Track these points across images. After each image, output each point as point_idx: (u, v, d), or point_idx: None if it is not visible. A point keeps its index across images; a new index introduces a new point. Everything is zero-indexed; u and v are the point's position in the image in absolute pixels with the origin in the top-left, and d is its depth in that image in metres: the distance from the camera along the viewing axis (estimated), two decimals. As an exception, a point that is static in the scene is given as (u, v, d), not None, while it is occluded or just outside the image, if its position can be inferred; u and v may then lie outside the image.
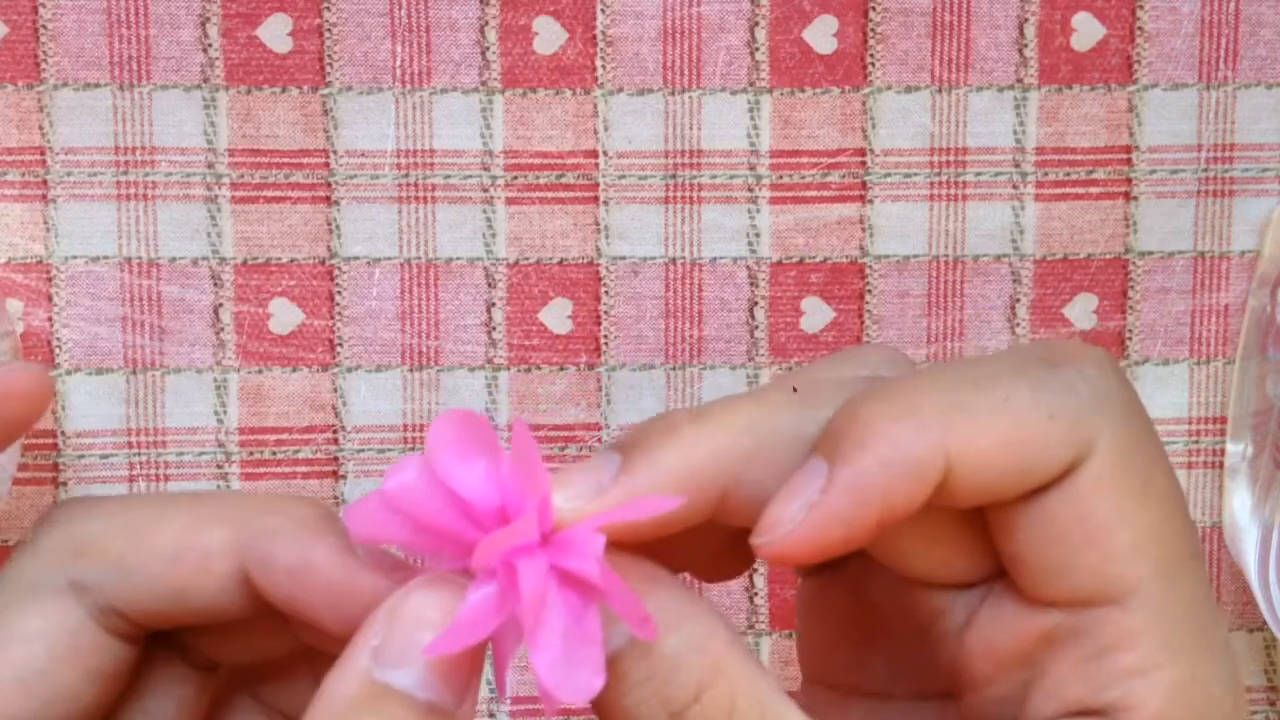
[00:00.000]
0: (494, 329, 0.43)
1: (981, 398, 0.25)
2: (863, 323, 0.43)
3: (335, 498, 0.43)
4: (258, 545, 0.27)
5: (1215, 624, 0.26)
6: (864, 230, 0.43)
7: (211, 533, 0.27)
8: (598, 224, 0.43)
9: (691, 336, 0.43)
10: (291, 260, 0.43)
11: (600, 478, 0.25)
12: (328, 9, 0.42)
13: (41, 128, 0.42)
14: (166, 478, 0.42)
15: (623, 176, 0.43)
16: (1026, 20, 0.43)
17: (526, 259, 0.43)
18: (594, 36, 0.42)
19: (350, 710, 0.24)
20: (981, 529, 0.26)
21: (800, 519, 0.24)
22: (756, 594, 0.45)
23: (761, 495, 0.25)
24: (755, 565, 0.31)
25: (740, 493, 0.25)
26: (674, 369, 0.43)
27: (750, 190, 0.43)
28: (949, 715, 0.28)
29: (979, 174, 0.43)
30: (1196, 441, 0.44)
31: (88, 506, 0.28)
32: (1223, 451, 0.44)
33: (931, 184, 0.43)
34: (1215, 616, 0.26)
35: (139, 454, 0.42)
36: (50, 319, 0.42)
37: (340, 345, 0.43)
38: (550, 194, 0.43)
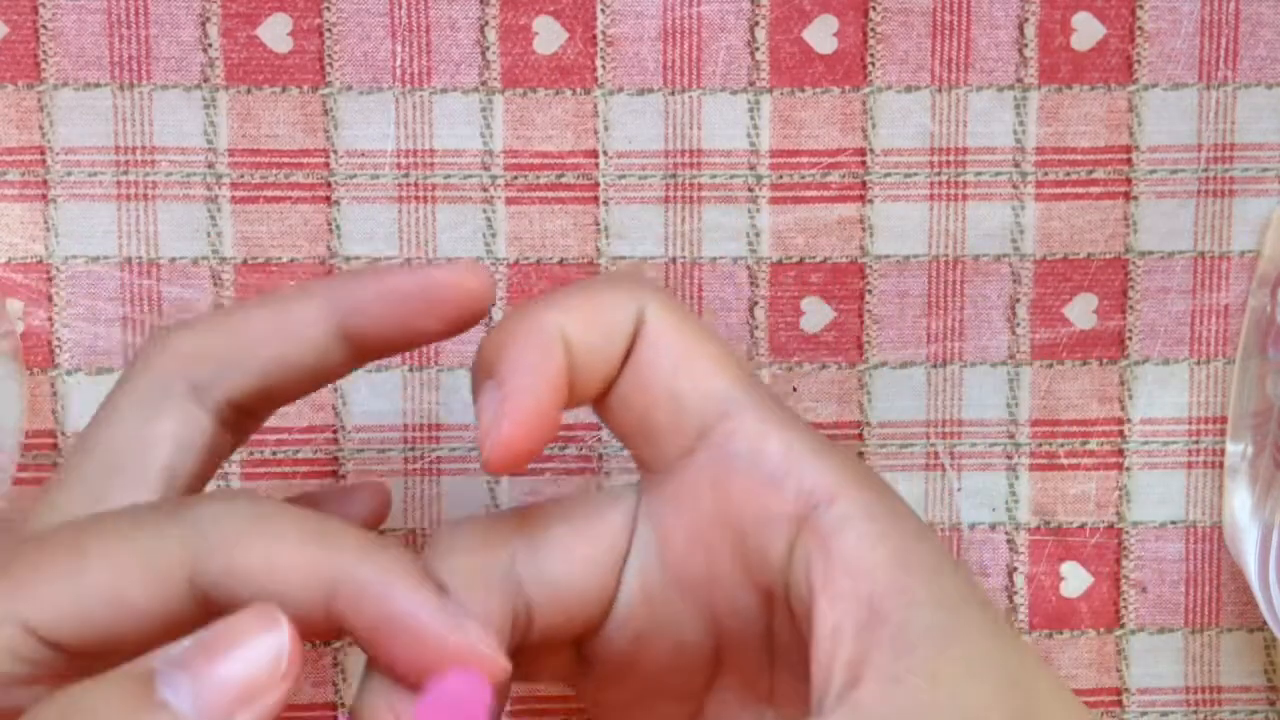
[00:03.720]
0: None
1: (570, 298, 0.31)
2: (863, 323, 0.43)
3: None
4: (342, 294, 0.32)
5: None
6: (864, 230, 0.43)
7: (300, 306, 0.32)
8: (598, 224, 0.43)
9: (691, 336, 0.43)
10: (292, 260, 0.43)
11: None
12: (328, 9, 0.42)
13: (41, 128, 0.42)
14: (166, 478, 0.42)
15: (623, 176, 0.43)
16: (1026, 20, 0.43)
17: (526, 259, 0.43)
18: (594, 36, 0.42)
19: None
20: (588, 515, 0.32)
21: (500, 427, 0.30)
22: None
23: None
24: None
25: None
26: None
27: (750, 190, 0.43)
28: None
29: (979, 174, 0.43)
30: (1196, 441, 0.44)
31: (186, 326, 0.33)
32: (1223, 451, 0.44)
33: (931, 184, 0.43)
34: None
35: (139, 454, 0.42)
36: (50, 319, 0.42)
37: (340, 345, 0.43)
38: (550, 194, 0.43)
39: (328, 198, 0.42)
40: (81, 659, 0.29)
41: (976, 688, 0.28)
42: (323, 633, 0.29)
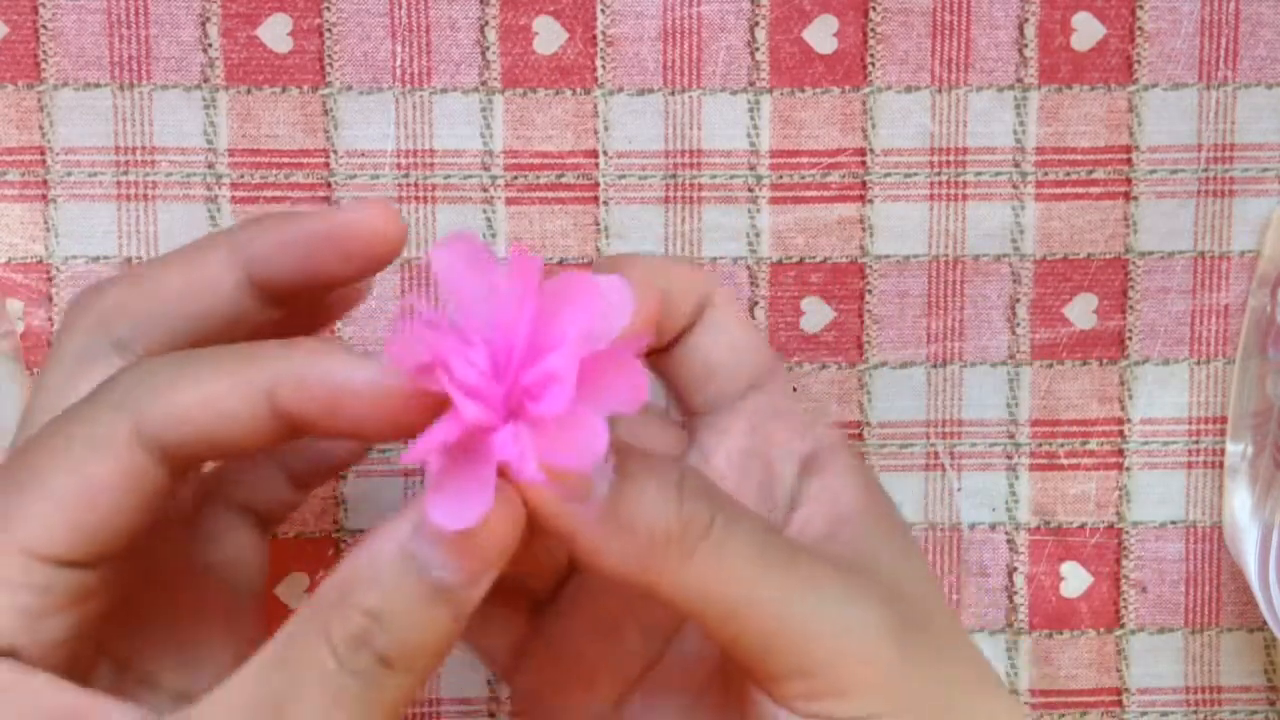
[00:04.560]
0: (494, 329, 0.43)
1: (664, 262, 0.36)
2: (863, 323, 0.43)
3: (335, 497, 0.43)
4: (246, 244, 0.32)
5: None
6: (864, 230, 0.43)
7: (207, 258, 0.33)
8: (598, 224, 0.43)
9: (691, 336, 0.43)
10: (291, 260, 0.43)
11: None
12: (328, 9, 0.42)
13: (41, 128, 0.42)
14: (166, 478, 0.42)
15: (623, 176, 0.43)
16: (1026, 20, 0.43)
17: (526, 259, 0.43)
18: (594, 36, 0.42)
19: (382, 567, 0.29)
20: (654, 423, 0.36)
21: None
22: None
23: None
24: None
25: None
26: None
27: (750, 190, 0.43)
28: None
29: (979, 174, 0.43)
30: (1196, 441, 0.44)
31: (102, 287, 0.33)
32: (1223, 451, 0.44)
33: (931, 184, 0.43)
34: None
35: (139, 454, 0.42)
36: (50, 319, 0.42)
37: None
38: (550, 194, 0.43)
39: (328, 198, 0.42)
40: (95, 564, 0.30)
41: (890, 581, 0.33)
42: (287, 436, 0.31)
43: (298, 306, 0.34)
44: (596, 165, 0.43)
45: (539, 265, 0.28)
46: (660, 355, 0.35)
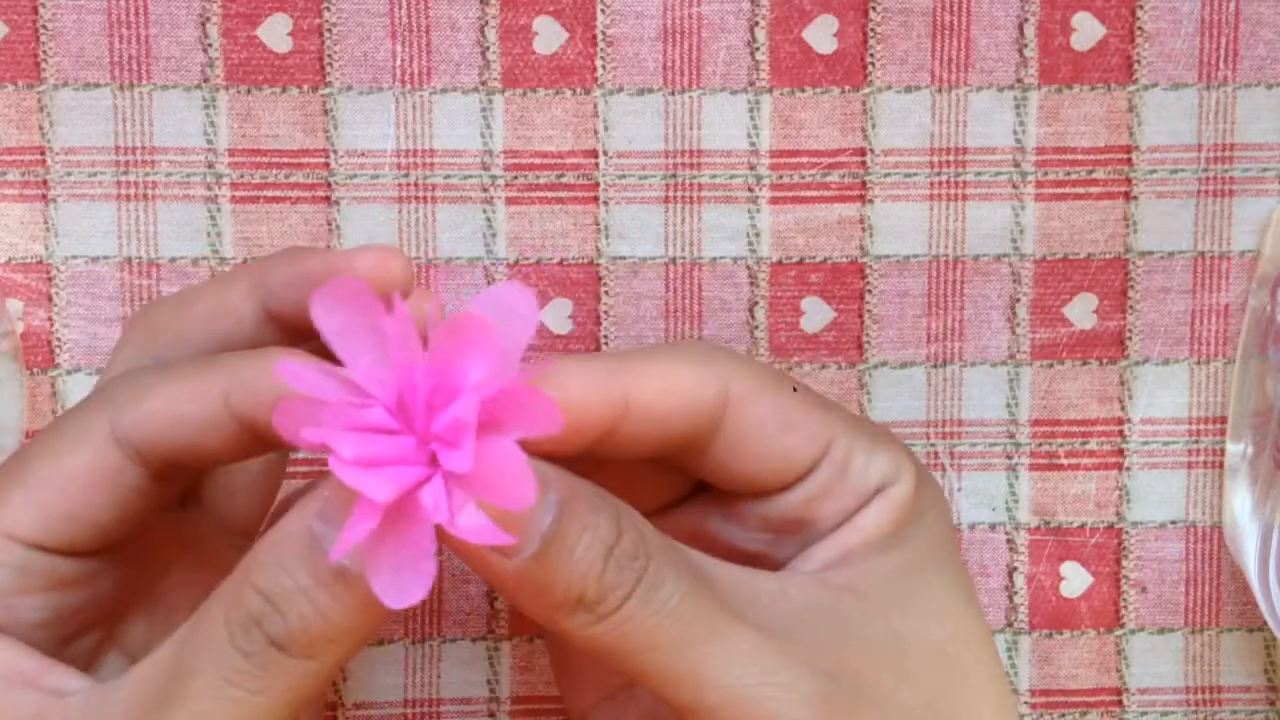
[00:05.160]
0: (494, 329, 0.43)
1: (642, 364, 0.33)
2: (863, 323, 0.43)
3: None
4: (264, 277, 0.34)
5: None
6: (864, 230, 0.43)
7: (234, 287, 0.34)
8: (598, 224, 0.43)
9: (691, 336, 0.43)
10: (291, 260, 0.43)
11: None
12: (328, 9, 0.42)
13: (41, 128, 0.42)
14: (166, 478, 0.42)
15: (623, 176, 0.43)
16: (1026, 20, 0.43)
17: (526, 259, 0.43)
18: (594, 36, 0.42)
19: (284, 545, 0.29)
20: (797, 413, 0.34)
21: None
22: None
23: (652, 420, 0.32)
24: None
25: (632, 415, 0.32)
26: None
27: (750, 190, 0.43)
28: None
29: (979, 174, 0.43)
30: (1196, 441, 0.44)
31: (154, 304, 0.35)
32: (1223, 451, 0.44)
33: (931, 184, 0.43)
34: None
35: (139, 454, 0.42)
36: (50, 319, 0.42)
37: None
38: (550, 194, 0.43)
39: (328, 198, 0.42)
40: (76, 555, 0.32)
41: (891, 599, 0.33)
42: (256, 445, 0.31)
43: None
44: (596, 165, 0.43)
45: (438, 303, 0.27)
46: (692, 463, 0.34)
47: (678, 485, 0.36)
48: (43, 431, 0.33)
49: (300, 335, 0.34)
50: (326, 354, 0.28)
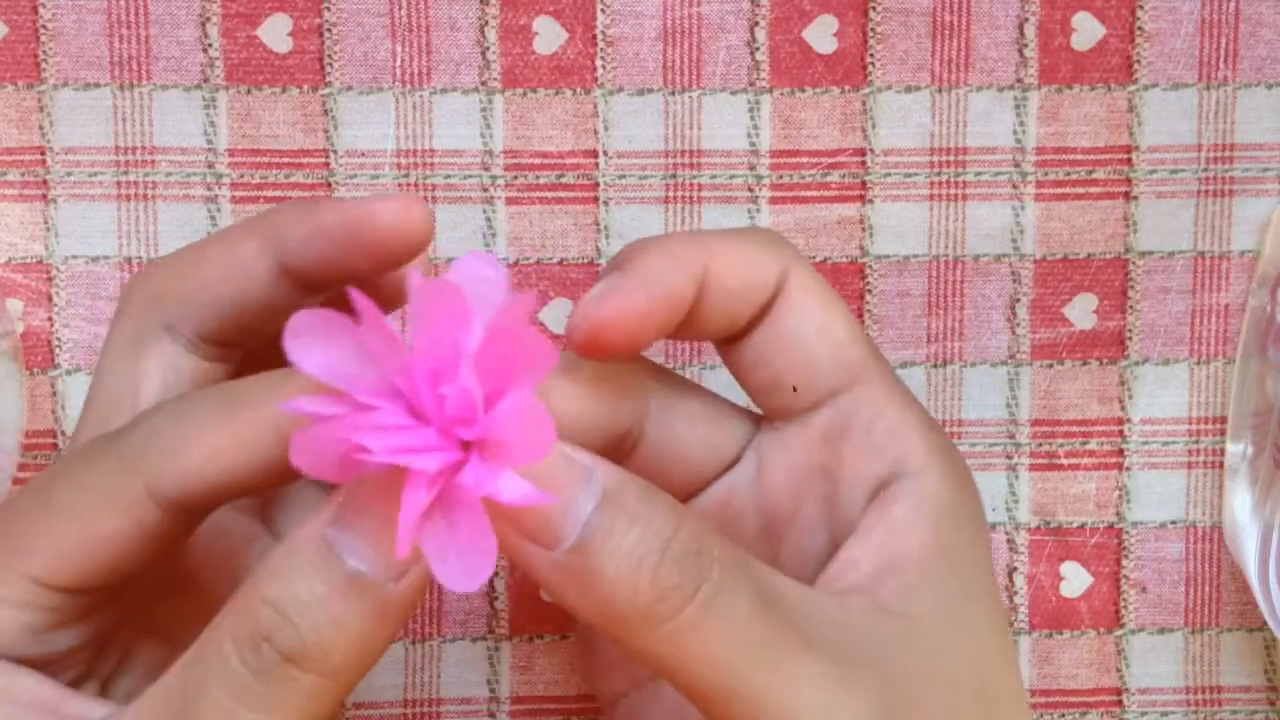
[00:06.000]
0: (494, 329, 0.43)
1: (715, 239, 0.32)
2: (863, 323, 0.43)
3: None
4: (277, 233, 0.32)
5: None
6: (864, 230, 0.43)
7: (243, 246, 0.33)
8: (598, 224, 0.43)
9: (691, 336, 0.43)
10: (291, 260, 0.43)
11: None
12: (328, 9, 0.42)
13: (41, 128, 0.42)
14: (166, 478, 0.42)
15: (623, 176, 0.43)
16: (1026, 20, 0.43)
17: (526, 259, 0.43)
18: (594, 36, 0.42)
19: (295, 556, 0.28)
20: (721, 405, 0.34)
21: (603, 300, 0.30)
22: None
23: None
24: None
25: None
26: (674, 369, 0.43)
27: (750, 190, 0.43)
28: None
29: (979, 174, 0.43)
30: (1196, 441, 0.44)
31: (149, 270, 0.34)
32: (1223, 451, 0.44)
33: (931, 184, 0.43)
34: None
35: (139, 454, 0.42)
36: (50, 319, 0.42)
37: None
38: (550, 194, 0.43)
39: (328, 198, 0.42)
40: (100, 592, 0.31)
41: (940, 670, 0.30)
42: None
43: (338, 292, 0.34)
44: (596, 165, 0.43)
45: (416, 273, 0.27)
46: (727, 348, 0.33)
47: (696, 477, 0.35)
48: (66, 472, 0.31)
49: (317, 289, 0.33)
50: (344, 306, 0.27)
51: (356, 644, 0.27)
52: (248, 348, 0.35)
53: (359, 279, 0.32)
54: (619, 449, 0.33)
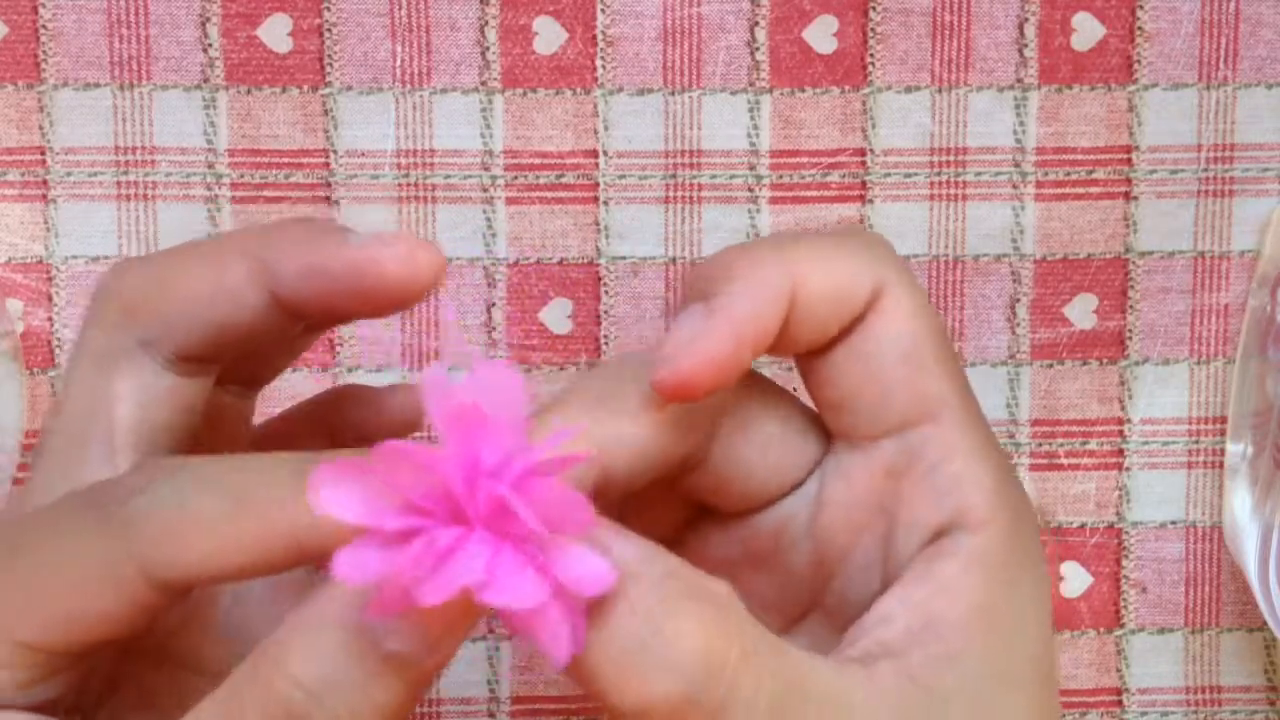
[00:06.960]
0: (494, 329, 0.43)
1: (806, 250, 0.29)
2: (863, 323, 0.43)
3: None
4: (272, 263, 0.30)
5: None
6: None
7: (233, 269, 0.31)
8: (598, 224, 0.43)
9: (691, 336, 0.43)
10: (291, 260, 0.43)
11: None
12: (328, 9, 0.42)
13: (41, 128, 0.42)
14: (166, 478, 0.42)
15: (623, 176, 0.43)
16: (1026, 20, 0.43)
17: (526, 259, 0.43)
18: (594, 36, 0.42)
19: (324, 631, 0.26)
20: (795, 424, 0.31)
21: (692, 346, 0.28)
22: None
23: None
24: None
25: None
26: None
27: (750, 190, 0.43)
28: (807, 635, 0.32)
29: (979, 174, 0.43)
30: (1196, 441, 0.44)
31: (120, 274, 0.31)
32: (1223, 451, 0.44)
33: (931, 184, 0.43)
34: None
35: (139, 454, 0.42)
36: (50, 319, 0.42)
37: (340, 345, 0.43)
38: (550, 194, 0.43)
39: (328, 198, 0.42)
40: (91, 649, 0.30)
41: None
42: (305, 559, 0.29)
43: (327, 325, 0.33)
44: (596, 165, 0.43)
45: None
46: (804, 362, 0.31)
47: (678, 512, 0.33)
48: (49, 535, 0.29)
49: (309, 322, 0.32)
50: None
51: (392, 719, 0.27)
52: (226, 362, 0.33)
53: (354, 319, 0.32)
54: (678, 467, 0.31)
